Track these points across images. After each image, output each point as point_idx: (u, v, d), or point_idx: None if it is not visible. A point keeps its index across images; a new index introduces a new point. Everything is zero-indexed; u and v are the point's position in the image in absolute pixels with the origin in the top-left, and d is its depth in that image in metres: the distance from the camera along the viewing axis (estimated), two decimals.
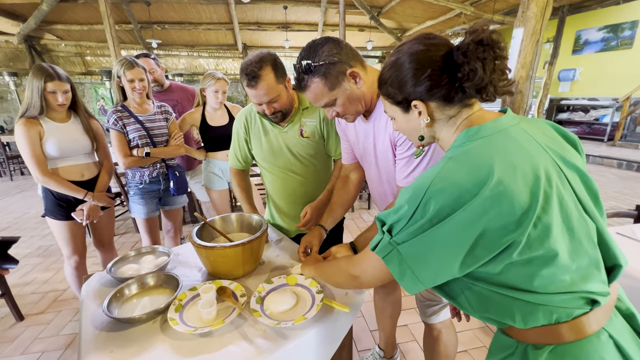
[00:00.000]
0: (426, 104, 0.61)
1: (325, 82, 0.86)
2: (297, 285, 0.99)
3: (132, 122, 1.75)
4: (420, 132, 0.65)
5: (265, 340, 0.80)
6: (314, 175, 1.36)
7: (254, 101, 1.14)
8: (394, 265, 0.58)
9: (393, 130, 0.91)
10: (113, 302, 0.90)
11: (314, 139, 1.29)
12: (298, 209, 1.35)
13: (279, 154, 1.31)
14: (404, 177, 0.93)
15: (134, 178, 1.84)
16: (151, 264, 1.10)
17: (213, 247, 0.97)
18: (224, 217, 1.21)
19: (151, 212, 1.91)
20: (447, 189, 0.52)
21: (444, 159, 0.57)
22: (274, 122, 1.27)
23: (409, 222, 0.55)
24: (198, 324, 0.84)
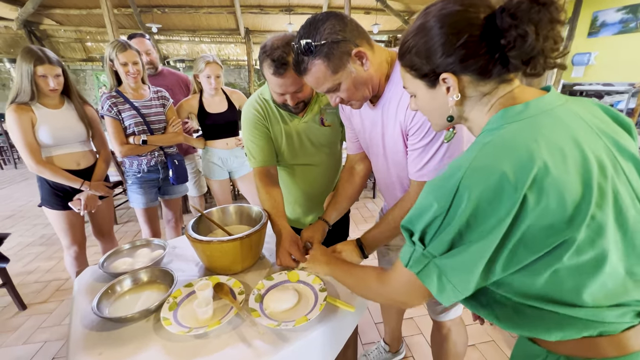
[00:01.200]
0: (458, 78, 0.52)
1: (328, 64, 0.76)
2: (299, 282, 0.93)
3: (128, 108, 1.67)
4: (448, 111, 0.56)
5: (264, 342, 0.74)
6: (333, 162, 1.29)
7: (277, 90, 1.01)
8: (431, 280, 0.51)
9: (405, 117, 0.82)
10: (104, 299, 0.85)
11: (334, 127, 1.19)
12: (318, 197, 1.29)
13: (299, 148, 1.18)
14: (417, 169, 0.85)
15: (132, 167, 1.78)
16: (146, 258, 1.05)
17: (210, 242, 0.91)
18: (223, 209, 1.15)
19: (150, 201, 1.86)
20: (484, 179, 0.44)
21: (476, 144, 0.49)
22: (292, 113, 1.13)
23: (442, 224, 0.47)
24: (193, 324, 0.79)
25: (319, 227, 1.09)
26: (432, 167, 0.82)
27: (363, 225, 2.96)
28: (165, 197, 1.97)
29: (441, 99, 0.56)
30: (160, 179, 1.87)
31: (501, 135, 0.47)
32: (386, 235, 0.94)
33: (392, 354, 1.54)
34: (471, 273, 0.47)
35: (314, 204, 1.31)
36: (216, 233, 1.11)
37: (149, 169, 1.80)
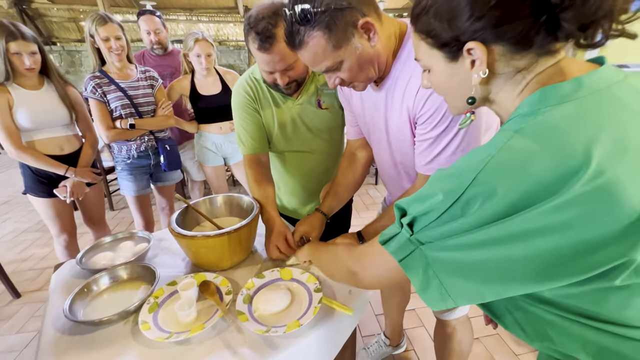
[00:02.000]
0: (488, 49, 0.41)
1: (329, 36, 0.64)
2: (292, 281, 0.85)
3: (113, 89, 1.56)
4: (470, 91, 0.45)
5: (251, 350, 0.67)
6: (333, 149, 1.17)
7: (265, 68, 0.90)
8: (415, 271, 0.42)
9: (415, 103, 0.71)
10: (79, 299, 0.78)
11: (333, 110, 1.07)
12: (314, 188, 1.20)
13: (293, 132, 1.07)
14: (426, 162, 0.75)
15: (120, 152, 1.69)
16: (129, 252, 0.97)
17: (194, 237, 0.83)
18: (211, 199, 1.06)
19: (141, 189, 1.78)
20: (510, 178, 0.34)
21: (503, 133, 0.39)
22: (285, 94, 1.03)
23: (441, 217, 0.39)
24: (175, 328, 0.71)
25: (315, 220, 1.00)
26: (443, 161, 0.72)
27: (365, 213, 2.88)
28: (157, 184, 1.89)
29: (463, 75, 0.45)
30: (151, 165, 1.78)
31: (539, 123, 0.37)
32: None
33: (392, 348, 1.49)
34: (470, 279, 0.39)
35: (312, 194, 1.22)
36: (204, 226, 1.02)
37: (139, 154, 1.71)
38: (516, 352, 1.48)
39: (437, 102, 0.67)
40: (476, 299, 0.40)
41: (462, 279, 0.39)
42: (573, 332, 0.41)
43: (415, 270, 0.42)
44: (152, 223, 1.91)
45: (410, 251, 0.42)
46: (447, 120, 0.68)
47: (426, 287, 0.41)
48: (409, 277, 0.43)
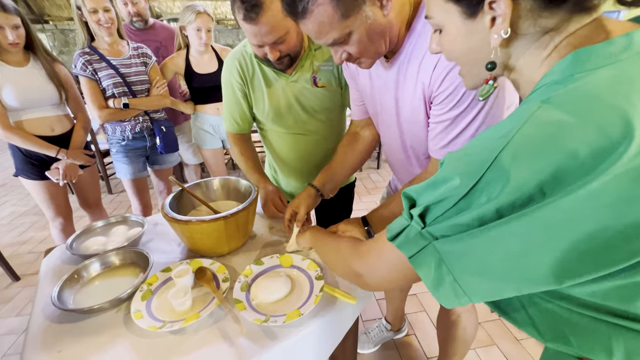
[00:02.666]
0: (514, 2, 0.35)
1: (338, 4, 0.56)
2: (292, 268, 0.82)
3: (104, 67, 1.48)
4: (489, 55, 0.39)
5: (249, 340, 0.64)
6: (331, 131, 1.10)
7: (253, 42, 0.84)
8: (426, 269, 0.38)
9: (432, 80, 0.63)
10: (69, 286, 0.75)
11: (330, 88, 1.00)
12: (311, 171, 1.13)
13: (287, 112, 1.02)
14: (442, 146, 0.68)
15: (115, 134, 1.63)
16: (122, 237, 0.93)
17: (188, 222, 0.79)
18: (207, 182, 1.01)
19: (138, 172, 1.73)
20: (538, 156, 0.29)
21: (529, 103, 0.33)
22: (278, 70, 0.97)
23: (457, 204, 0.34)
24: (169, 317, 0.68)
25: (302, 194, 0.93)
26: (460, 145, 0.65)
27: (367, 197, 2.84)
28: (154, 167, 1.83)
29: (482, 35, 0.39)
30: (147, 148, 1.72)
31: (572, 91, 0.31)
32: (396, 214, 0.79)
33: (393, 333, 1.48)
34: (488, 275, 0.34)
35: (310, 178, 1.16)
36: (200, 210, 0.98)
37: (134, 136, 1.64)
38: (518, 337, 1.47)
39: (457, 79, 0.60)
40: (494, 295, 0.36)
41: (480, 275, 0.34)
42: (596, 332, 0.37)
43: (427, 267, 0.37)
44: (150, 207, 1.87)
45: (421, 246, 0.37)
46: (468, 99, 0.61)
47: (439, 285, 0.37)
48: (420, 275, 0.38)
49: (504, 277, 0.33)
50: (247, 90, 1.01)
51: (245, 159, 1.10)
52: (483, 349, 1.43)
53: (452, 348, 1.10)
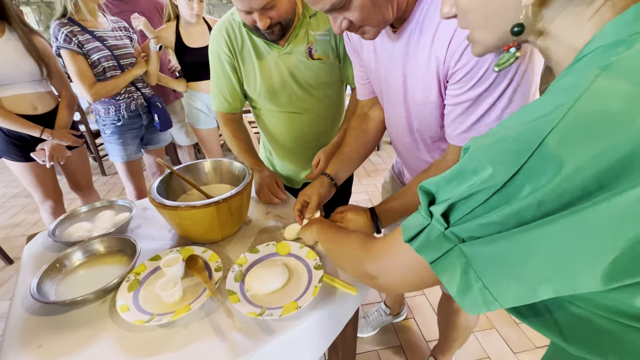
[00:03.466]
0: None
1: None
2: (289, 256, 0.77)
3: (90, 39, 1.37)
4: (519, 15, 0.32)
5: (243, 334, 0.59)
6: (328, 110, 1.01)
7: (240, 7, 0.75)
8: (450, 275, 0.32)
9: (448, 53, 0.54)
10: (50, 275, 0.70)
11: (327, 61, 0.91)
12: (307, 153, 1.05)
13: (280, 88, 0.93)
14: (461, 131, 0.60)
15: (109, 115, 1.53)
16: (108, 223, 0.87)
17: (177, 208, 0.73)
18: (198, 165, 0.95)
19: (133, 153, 1.65)
20: (597, 138, 0.23)
21: (581, 71, 0.27)
22: (269, 40, 0.88)
23: (490, 199, 0.28)
24: (158, 309, 0.63)
25: (317, 184, 0.85)
26: (483, 129, 0.58)
27: (366, 180, 2.78)
28: (148, 147, 1.76)
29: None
30: (143, 126, 1.64)
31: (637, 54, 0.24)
32: (408, 208, 0.73)
33: (392, 317, 1.47)
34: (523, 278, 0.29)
35: (306, 161, 1.09)
36: (191, 194, 0.92)
37: (130, 115, 1.56)
38: (517, 321, 1.47)
39: None
40: (529, 299, 0.30)
41: (515, 280, 0.29)
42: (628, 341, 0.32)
43: (451, 273, 0.32)
44: (145, 191, 1.81)
45: (445, 250, 0.31)
46: (492, 75, 0.53)
47: (465, 292, 0.31)
48: (442, 281, 0.33)
49: (544, 280, 0.27)
50: (237, 64, 0.92)
51: (237, 141, 1.02)
52: (482, 332, 1.42)
53: (454, 334, 1.08)
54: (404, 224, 0.37)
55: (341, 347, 0.87)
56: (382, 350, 1.37)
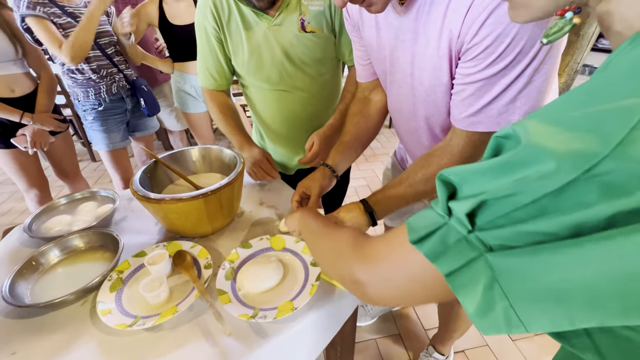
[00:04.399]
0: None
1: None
2: (284, 251, 0.72)
3: (59, 13, 1.25)
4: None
5: (235, 338, 0.55)
6: (322, 89, 0.94)
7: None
8: (470, 290, 0.26)
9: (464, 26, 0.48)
10: (25, 275, 0.64)
11: (321, 35, 0.84)
12: (300, 137, 0.99)
13: (270, 63, 0.86)
14: (470, 113, 0.54)
15: (88, 98, 1.42)
16: (90, 216, 0.82)
17: (160, 201, 0.67)
18: (184, 152, 0.88)
19: (118, 141, 1.54)
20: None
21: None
22: (257, 10, 0.80)
23: (539, 201, 0.21)
24: (142, 311, 0.59)
25: (318, 175, 0.79)
26: (496, 112, 0.52)
27: (364, 165, 2.72)
28: (135, 134, 1.66)
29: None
30: (127, 111, 1.54)
31: None
32: (406, 197, 0.66)
33: (390, 306, 1.45)
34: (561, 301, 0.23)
35: (298, 145, 1.03)
36: (179, 184, 0.86)
37: (111, 98, 1.45)
38: None
39: (500, 25, 0.45)
40: (562, 326, 0.25)
41: (552, 302, 0.23)
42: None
43: (472, 288, 0.25)
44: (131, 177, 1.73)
45: (467, 260, 0.25)
46: (512, 52, 0.46)
47: (486, 311, 0.25)
48: (459, 297, 0.27)
49: (591, 305, 0.22)
50: (223, 37, 0.85)
51: (225, 119, 0.96)
52: None
53: (454, 326, 1.06)
54: (410, 220, 0.31)
55: (339, 344, 0.84)
56: (380, 339, 1.36)
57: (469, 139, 0.57)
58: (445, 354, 1.19)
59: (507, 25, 0.44)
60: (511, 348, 1.31)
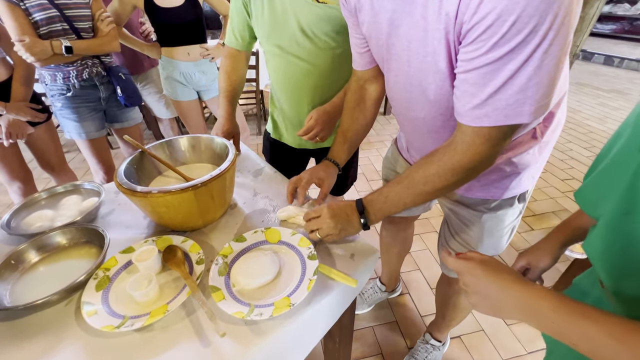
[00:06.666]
0: None
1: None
2: (280, 244, 0.69)
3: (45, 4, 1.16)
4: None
5: (229, 337, 0.53)
6: (328, 64, 0.91)
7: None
8: None
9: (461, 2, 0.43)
10: (3, 275, 0.60)
11: (333, 7, 0.81)
12: (302, 110, 1.00)
13: (283, 27, 0.87)
14: (475, 105, 0.48)
15: (55, 82, 1.31)
16: (74, 210, 0.77)
17: (147, 194, 0.63)
18: (171, 142, 0.83)
19: (94, 131, 1.44)
20: None
21: None
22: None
23: None
24: (131, 310, 0.56)
25: (331, 172, 0.82)
26: (504, 102, 0.46)
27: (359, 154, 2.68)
28: (115, 125, 1.54)
29: None
30: (102, 99, 1.43)
31: None
32: (406, 200, 0.61)
33: (388, 293, 1.45)
34: None
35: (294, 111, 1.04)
36: (168, 176, 0.82)
37: (82, 84, 1.35)
38: None
39: (502, 1, 0.40)
40: None
41: None
42: None
43: None
44: (113, 169, 1.64)
45: None
46: (519, 31, 0.40)
47: None
48: None
49: None
50: (247, 1, 0.91)
51: (226, 78, 1.02)
52: None
53: (452, 314, 1.05)
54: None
55: (337, 334, 0.83)
56: (377, 327, 1.36)
57: (476, 135, 0.51)
58: (442, 340, 1.20)
59: (510, 0, 0.39)
60: (506, 332, 1.33)
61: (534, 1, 0.39)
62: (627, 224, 0.36)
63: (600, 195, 0.40)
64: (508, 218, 0.75)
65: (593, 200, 0.43)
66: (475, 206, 0.75)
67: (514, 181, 0.69)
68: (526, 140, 0.65)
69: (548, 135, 0.65)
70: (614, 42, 5.69)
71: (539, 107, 0.46)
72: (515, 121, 0.47)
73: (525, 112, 0.46)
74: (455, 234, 0.83)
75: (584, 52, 5.46)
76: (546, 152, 0.68)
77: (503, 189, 0.70)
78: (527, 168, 0.68)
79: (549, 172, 2.40)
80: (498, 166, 0.67)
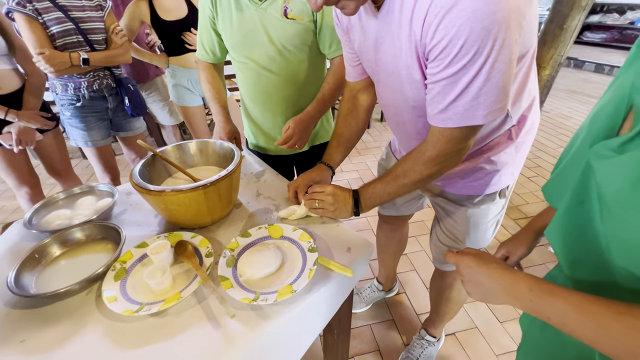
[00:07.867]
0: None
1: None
2: (282, 239, 0.75)
3: (50, 7, 1.24)
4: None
5: (238, 320, 0.58)
6: (297, 76, 1.00)
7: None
8: None
9: (424, 30, 0.52)
10: (28, 267, 0.66)
11: (302, 23, 0.90)
12: (276, 120, 1.08)
13: (253, 40, 0.94)
14: (439, 110, 0.58)
15: (66, 92, 1.39)
16: (90, 210, 0.83)
17: (161, 193, 0.69)
18: (182, 146, 0.90)
19: (100, 139, 1.52)
20: None
21: None
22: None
23: None
24: (146, 298, 0.61)
25: (324, 173, 0.89)
26: (461, 109, 0.55)
27: (357, 159, 2.76)
28: (120, 134, 1.62)
29: None
30: (109, 110, 1.50)
31: None
32: (390, 191, 0.73)
33: (385, 292, 1.50)
34: None
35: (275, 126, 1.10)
36: (177, 178, 0.88)
37: (92, 95, 1.42)
38: None
39: (453, 27, 0.48)
40: None
41: None
42: None
43: None
44: (118, 174, 1.70)
45: None
46: (469, 52, 0.49)
47: None
48: None
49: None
50: (215, 15, 0.95)
51: (211, 88, 1.07)
52: (470, 304, 1.47)
53: (445, 308, 1.11)
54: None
55: (336, 327, 0.88)
56: (375, 325, 1.41)
57: (442, 134, 0.61)
58: (437, 336, 1.25)
59: (458, 29, 0.48)
60: (499, 329, 1.38)
61: (476, 28, 0.47)
62: (581, 212, 0.42)
63: (561, 188, 0.47)
64: (491, 212, 0.82)
65: (556, 192, 0.50)
66: (461, 202, 0.82)
67: (494, 178, 0.76)
68: (503, 141, 0.72)
69: (523, 136, 0.73)
70: (605, 51, 5.85)
71: (491, 111, 0.55)
72: (472, 123, 0.56)
73: (478, 116, 0.55)
74: (445, 229, 0.89)
75: (575, 60, 5.61)
76: (522, 151, 0.76)
77: (485, 185, 0.77)
78: (506, 166, 0.75)
79: (540, 176, 2.47)
80: (479, 165, 0.74)
